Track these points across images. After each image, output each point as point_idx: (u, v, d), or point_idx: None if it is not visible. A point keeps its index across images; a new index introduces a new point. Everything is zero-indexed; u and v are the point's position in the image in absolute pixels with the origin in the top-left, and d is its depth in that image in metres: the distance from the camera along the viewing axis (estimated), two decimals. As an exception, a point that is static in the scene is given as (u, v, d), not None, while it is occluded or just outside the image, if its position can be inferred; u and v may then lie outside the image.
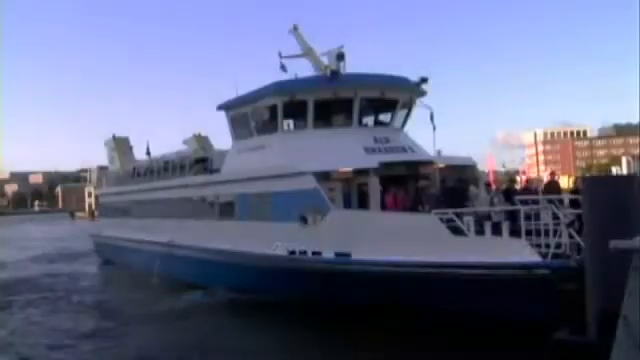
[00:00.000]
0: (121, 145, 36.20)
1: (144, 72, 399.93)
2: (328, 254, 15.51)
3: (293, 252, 16.52)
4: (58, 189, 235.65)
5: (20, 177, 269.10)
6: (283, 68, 19.65)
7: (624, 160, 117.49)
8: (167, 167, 27.03)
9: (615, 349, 4.91)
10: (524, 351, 10.74)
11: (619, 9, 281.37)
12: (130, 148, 36.46)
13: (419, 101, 19.52)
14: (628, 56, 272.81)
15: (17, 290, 23.91)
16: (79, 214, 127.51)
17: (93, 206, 44.22)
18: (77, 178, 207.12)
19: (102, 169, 40.14)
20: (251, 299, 17.61)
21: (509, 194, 15.50)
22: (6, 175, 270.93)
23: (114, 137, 36.58)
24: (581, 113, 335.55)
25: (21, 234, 69.30)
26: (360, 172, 16.79)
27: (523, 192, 15.92)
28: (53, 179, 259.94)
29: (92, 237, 37.90)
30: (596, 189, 10.70)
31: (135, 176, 30.87)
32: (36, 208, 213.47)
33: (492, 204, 14.98)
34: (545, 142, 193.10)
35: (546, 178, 20.91)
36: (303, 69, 20.01)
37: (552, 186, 16.18)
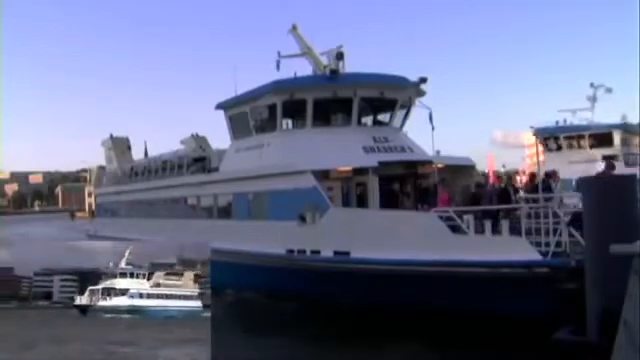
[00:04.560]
0: (119, 145, 36.06)
1: (144, 72, 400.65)
2: (327, 253, 15.43)
3: (291, 251, 16.43)
4: (58, 189, 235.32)
5: (20, 177, 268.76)
6: (278, 67, 19.59)
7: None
8: (165, 167, 26.95)
9: (615, 352, 4.84)
10: (524, 351, 10.68)
11: (619, 9, 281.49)
12: (128, 147, 36.32)
13: (418, 101, 19.46)
14: (628, 56, 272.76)
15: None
16: (79, 214, 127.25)
17: (93, 206, 43.94)
18: (77, 178, 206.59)
19: (102, 169, 39.90)
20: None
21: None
22: (6, 175, 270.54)
23: (111, 137, 36.46)
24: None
25: (20, 234, 69.06)
26: (359, 171, 16.74)
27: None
28: (53, 179, 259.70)
29: (89, 237, 37.70)
30: (596, 189, 10.61)
31: (133, 176, 30.78)
32: (36, 208, 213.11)
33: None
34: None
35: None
36: (303, 69, 20.01)
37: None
